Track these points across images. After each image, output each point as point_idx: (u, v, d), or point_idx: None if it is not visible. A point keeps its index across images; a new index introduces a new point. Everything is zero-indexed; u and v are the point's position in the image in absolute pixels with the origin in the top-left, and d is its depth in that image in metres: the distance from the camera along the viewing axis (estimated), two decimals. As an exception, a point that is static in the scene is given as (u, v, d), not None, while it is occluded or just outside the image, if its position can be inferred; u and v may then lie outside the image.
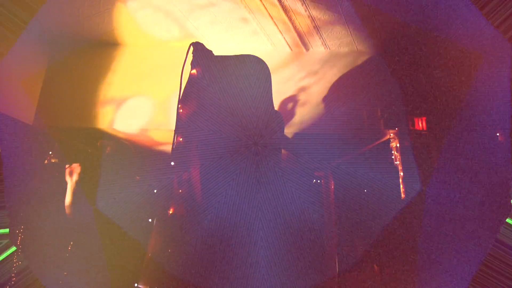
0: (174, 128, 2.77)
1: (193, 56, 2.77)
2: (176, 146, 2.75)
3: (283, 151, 2.81)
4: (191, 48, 2.78)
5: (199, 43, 2.79)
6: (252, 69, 2.79)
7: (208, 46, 2.92)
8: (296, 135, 3.27)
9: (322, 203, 2.89)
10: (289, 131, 3.23)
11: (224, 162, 2.73)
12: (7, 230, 2.57)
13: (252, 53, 2.96)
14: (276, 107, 3.02)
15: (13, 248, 2.58)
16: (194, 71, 2.75)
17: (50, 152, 3.25)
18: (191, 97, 2.73)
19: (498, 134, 3.01)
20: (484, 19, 2.53)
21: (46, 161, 3.22)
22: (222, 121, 2.72)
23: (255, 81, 2.76)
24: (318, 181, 2.96)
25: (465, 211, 2.90)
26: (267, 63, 2.90)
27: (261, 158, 2.72)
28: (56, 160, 3.24)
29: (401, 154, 3.18)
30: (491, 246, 2.53)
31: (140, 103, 3.59)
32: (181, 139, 2.75)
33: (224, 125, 2.72)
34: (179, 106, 2.74)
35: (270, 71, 2.92)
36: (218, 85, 2.73)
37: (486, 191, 2.89)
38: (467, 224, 2.87)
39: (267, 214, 2.73)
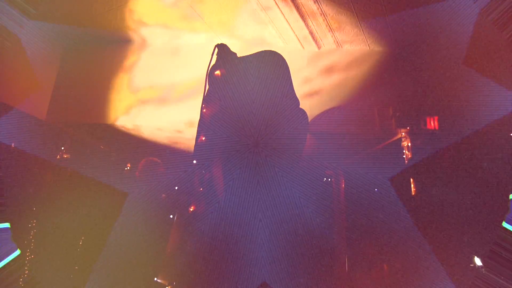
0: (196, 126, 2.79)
1: (216, 58, 2.79)
2: (198, 145, 2.77)
3: (288, 151, 2.80)
4: (216, 49, 2.79)
5: (224, 44, 2.80)
6: (268, 67, 2.77)
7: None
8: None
9: (328, 203, 2.88)
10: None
11: (223, 163, 2.73)
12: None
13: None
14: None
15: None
16: (218, 72, 2.76)
17: (63, 148, 3.28)
18: (214, 97, 2.75)
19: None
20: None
21: (58, 157, 3.26)
22: (224, 121, 2.73)
23: (270, 78, 2.74)
24: (329, 179, 2.95)
25: (472, 212, 2.89)
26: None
27: (262, 159, 2.72)
28: (68, 156, 3.27)
29: (412, 154, 3.16)
30: (491, 245, 2.54)
31: (154, 99, 3.62)
32: (203, 138, 2.76)
33: (227, 124, 2.72)
34: (203, 105, 2.75)
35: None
36: (227, 88, 2.74)
37: (493, 191, 2.89)
38: (474, 224, 2.86)
39: (268, 215, 2.73)
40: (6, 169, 2.92)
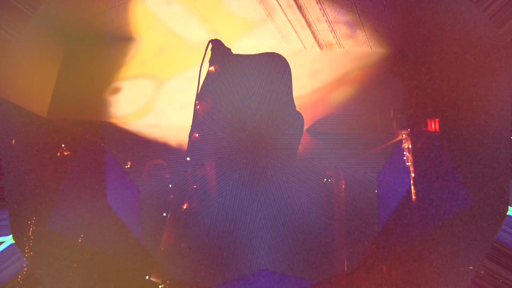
0: (190, 123, 2.80)
1: (211, 54, 2.77)
2: (192, 142, 2.77)
3: (288, 151, 2.81)
4: (210, 45, 2.78)
5: (218, 40, 2.79)
6: (267, 68, 2.78)
7: (224, 42, 2.94)
8: (306, 134, 3.26)
9: (328, 204, 2.89)
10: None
11: (223, 163, 2.74)
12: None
13: (265, 51, 2.95)
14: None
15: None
16: (212, 68, 2.76)
17: (63, 145, 3.28)
18: (208, 94, 2.75)
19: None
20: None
21: (58, 154, 3.25)
22: (223, 122, 2.73)
23: (270, 79, 2.75)
24: (329, 180, 2.95)
25: (471, 212, 2.90)
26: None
27: (262, 159, 2.72)
28: (69, 153, 3.27)
29: (413, 155, 3.16)
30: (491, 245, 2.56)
31: (154, 97, 3.62)
32: (197, 135, 2.76)
33: (226, 125, 2.73)
34: (196, 102, 2.75)
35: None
36: (221, 85, 2.74)
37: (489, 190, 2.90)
38: (474, 225, 2.87)
39: (268, 215, 2.73)
40: (7, 166, 2.92)
